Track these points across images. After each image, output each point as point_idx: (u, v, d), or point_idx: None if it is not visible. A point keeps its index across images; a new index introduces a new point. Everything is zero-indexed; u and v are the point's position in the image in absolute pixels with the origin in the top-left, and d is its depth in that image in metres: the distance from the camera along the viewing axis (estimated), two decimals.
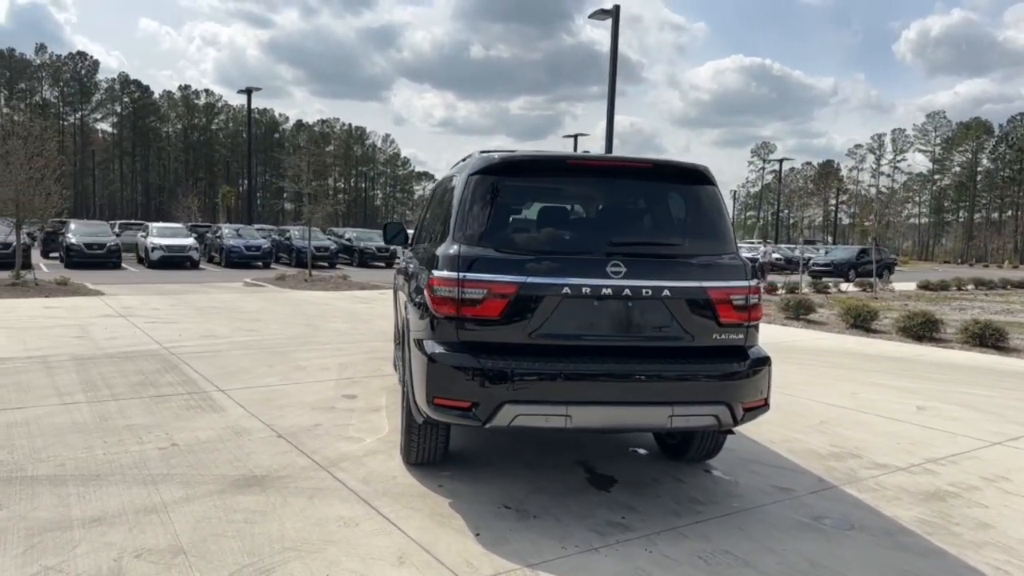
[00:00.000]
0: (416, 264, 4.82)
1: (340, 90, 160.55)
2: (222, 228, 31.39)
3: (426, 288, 3.95)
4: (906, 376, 8.43)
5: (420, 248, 5.23)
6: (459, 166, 4.73)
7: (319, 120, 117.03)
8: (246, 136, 41.99)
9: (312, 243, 23.82)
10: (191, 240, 27.50)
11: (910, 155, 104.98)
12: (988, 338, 10.80)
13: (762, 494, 4.37)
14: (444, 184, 5.27)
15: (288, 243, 31.06)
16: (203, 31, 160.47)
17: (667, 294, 3.83)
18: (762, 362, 4.02)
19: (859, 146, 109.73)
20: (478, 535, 3.63)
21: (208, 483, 4.21)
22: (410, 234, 6.66)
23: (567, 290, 3.74)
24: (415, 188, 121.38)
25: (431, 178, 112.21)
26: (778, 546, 3.63)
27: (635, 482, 4.50)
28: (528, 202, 4.51)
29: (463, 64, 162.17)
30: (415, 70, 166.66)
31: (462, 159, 4.83)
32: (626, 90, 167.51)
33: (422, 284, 4.11)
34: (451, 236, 3.98)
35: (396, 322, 6.96)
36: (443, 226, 4.30)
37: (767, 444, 5.41)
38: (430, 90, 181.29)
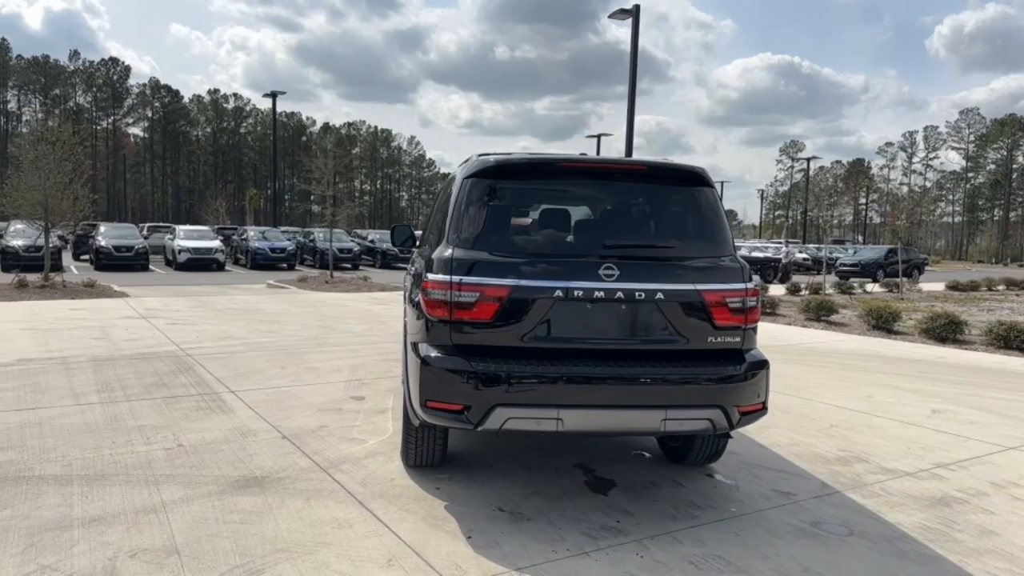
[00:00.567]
0: (416, 267, 4.85)
1: (367, 93, 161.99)
2: (248, 230, 31.83)
3: (420, 291, 3.97)
4: (925, 379, 8.27)
5: (423, 251, 5.25)
6: (458, 169, 4.74)
7: (345, 123, 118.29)
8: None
9: (335, 245, 24.04)
10: (217, 243, 27.89)
11: (943, 153, 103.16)
12: (1013, 340, 10.55)
13: (762, 499, 4.32)
14: (445, 187, 5.29)
15: (312, 245, 31.36)
16: (232, 35, 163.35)
17: (660, 297, 3.80)
18: (760, 365, 3.97)
19: (890, 144, 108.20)
20: (470, 538, 3.64)
21: (209, 484, 4.27)
22: (419, 236, 6.68)
23: (559, 293, 3.73)
24: None
25: None
26: (772, 552, 3.59)
27: (634, 486, 4.47)
28: (522, 205, 4.50)
29: (489, 65, 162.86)
30: (441, 72, 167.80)
31: (464, 161, 4.84)
32: (652, 89, 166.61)
33: (417, 287, 4.14)
34: (446, 239, 4.00)
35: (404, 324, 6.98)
36: (439, 229, 4.32)
37: (773, 448, 5.35)
38: (456, 92, 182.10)
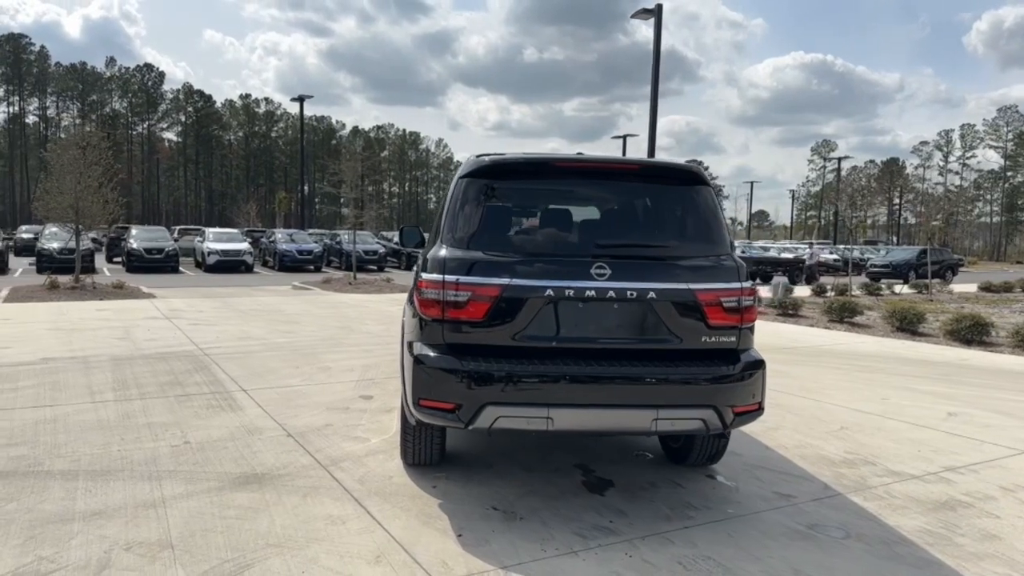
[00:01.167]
0: (417, 267, 4.88)
1: (397, 96, 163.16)
2: (276, 233, 32.26)
3: (415, 291, 4.00)
4: (944, 381, 8.11)
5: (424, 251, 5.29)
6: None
7: (375, 126, 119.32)
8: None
9: (361, 247, 24.27)
10: (245, 245, 28.30)
11: (980, 151, 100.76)
12: None
13: (760, 500, 4.28)
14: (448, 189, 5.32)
15: (339, 247, 31.65)
16: (264, 41, 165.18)
17: (653, 296, 3.78)
18: (755, 365, 3.94)
19: (925, 143, 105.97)
20: (460, 536, 3.66)
21: (210, 480, 4.34)
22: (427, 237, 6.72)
23: (550, 292, 3.73)
24: None
25: None
26: (764, 553, 3.55)
27: (632, 486, 4.45)
28: (516, 204, 4.51)
29: (517, 67, 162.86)
30: (470, 75, 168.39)
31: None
32: (683, 89, 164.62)
33: (413, 287, 4.17)
34: (440, 239, 4.03)
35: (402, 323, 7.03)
36: (436, 229, 4.35)
37: (778, 449, 5.29)
38: (484, 94, 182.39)
